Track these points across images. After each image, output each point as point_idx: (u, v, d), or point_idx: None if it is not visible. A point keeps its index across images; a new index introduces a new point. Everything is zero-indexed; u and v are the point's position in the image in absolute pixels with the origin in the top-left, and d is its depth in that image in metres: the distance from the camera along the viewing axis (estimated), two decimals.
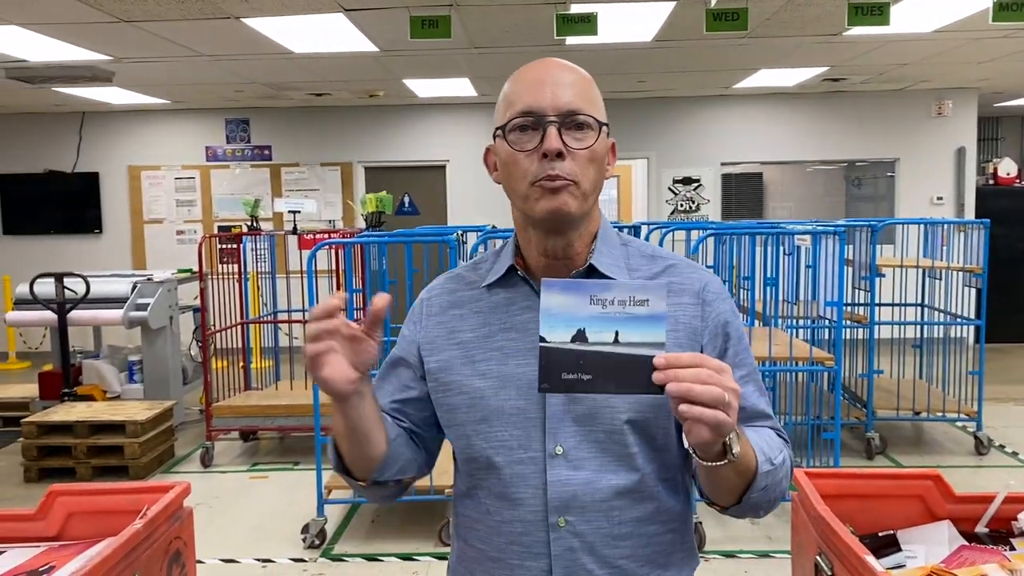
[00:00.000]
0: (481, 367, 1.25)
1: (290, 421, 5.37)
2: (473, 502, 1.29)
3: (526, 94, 1.19)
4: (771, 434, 1.26)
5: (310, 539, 4.09)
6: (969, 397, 5.53)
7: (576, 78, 1.22)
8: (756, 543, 3.99)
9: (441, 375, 1.28)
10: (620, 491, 1.21)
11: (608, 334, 1.01)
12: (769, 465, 1.17)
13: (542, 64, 1.23)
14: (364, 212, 6.08)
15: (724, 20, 4.77)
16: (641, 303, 1.01)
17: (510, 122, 1.20)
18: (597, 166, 1.21)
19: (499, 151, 1.24)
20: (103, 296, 5.93)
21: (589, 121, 1.19)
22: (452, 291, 1.34)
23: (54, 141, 9.11)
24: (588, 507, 1.20)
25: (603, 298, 1.01)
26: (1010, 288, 8.73)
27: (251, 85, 7.53)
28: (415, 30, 4.80)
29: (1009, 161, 9.16)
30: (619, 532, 1.21)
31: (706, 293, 1.26)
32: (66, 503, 2.20)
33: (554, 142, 1.16)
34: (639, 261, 1.29)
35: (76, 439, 5.11)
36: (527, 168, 1.18)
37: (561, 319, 1.02)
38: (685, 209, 9.11)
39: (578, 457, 1.20)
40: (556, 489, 1.20)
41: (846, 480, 2.20)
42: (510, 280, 1.29)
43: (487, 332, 1.27)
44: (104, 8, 4.72)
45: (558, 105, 1.18)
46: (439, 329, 1.31)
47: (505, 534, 1.24)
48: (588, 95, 1.21)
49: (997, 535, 2.06)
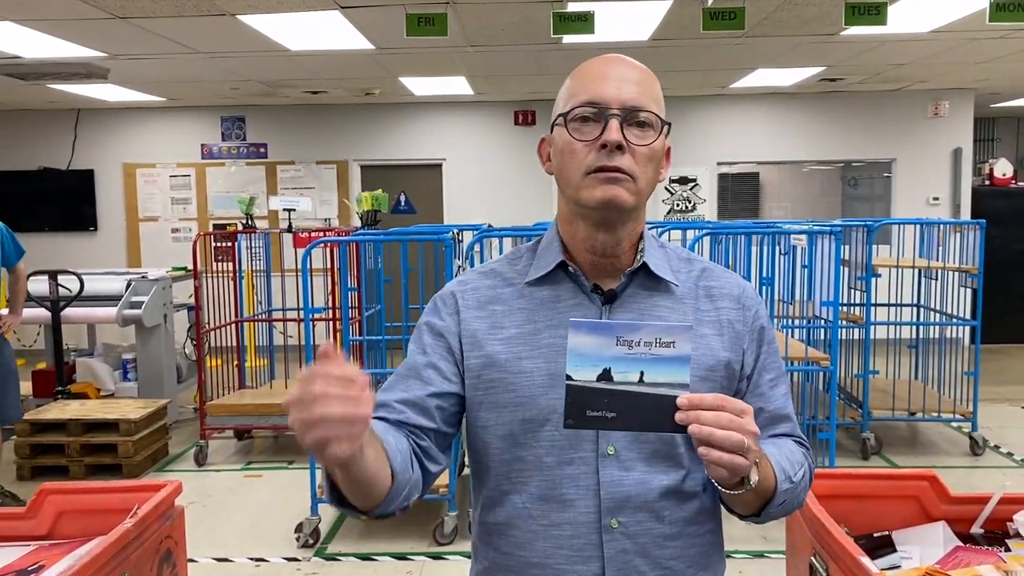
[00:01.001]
0: (528, 364, 1.21)
1: (284, 420, 5.31)
2: (507, 507, 1.23)
3: (590, 86, 1.18)
4: (793, 447, 1.28)
5: (304, 538, 4.07)
6: (964, 397, 5.53)
7: (641, 76, 1.20)
8: (751, 543, 3.99)
9: (484, 372, 1.23)
10: (669, 491, 1.20)
11: (634, 374, 1.03)
12: (789, 483, 1.19)
13: (607, 59, 1.22)
14: (359, 210, 6.07)
15: (721, 19, 4.76)
16: (667, 345, 1.03)
17: (572, 111, 1.18)
18: (655, 165, 1.21)
19: (556, 139, 1.22)
20: (97, 294, 5.91)
21: (651, 119, 1.18)
22: (491, 287, 1.29)
23: (49, 138, 9.07)
24: (641, 508, 1.19)
25: (630, 339, 1.03)
26: (1006, 289, 8.75)
27: (247, 83, 7.51)
28: (411, 28, 4.78)
29: (1005, 162, 9.17)
30: (669, 532, 1.21)
31: (745, 298, 1.29)
32: (56, 502, 2.19)
33: (615, 134, 1.15)
34: (677, 264, 1.30)
35: (69, 437, 5.08)
36: (584, 157, 1.17)
37: (588, 359, 1.03)
38: (681, 209, 9.10)
39: (628, 457, 1.19)
40: (609, 490, 1.18)
41: (841, 480, 2.20)
42: (555, 276, 1.26)
43: (533, 329, 1.23)
44: (99, 4, 4.70)
45: (622, 99, 1.17)
46: (480, 323, 1.25)
47: (552, 538, 1.20)
48: (652, 93, 1.20)
49: (992, 536, 2.06)
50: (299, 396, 0.92)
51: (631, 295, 1.25)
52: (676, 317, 1.24)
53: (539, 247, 1.31)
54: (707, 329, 1.24)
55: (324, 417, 0.90)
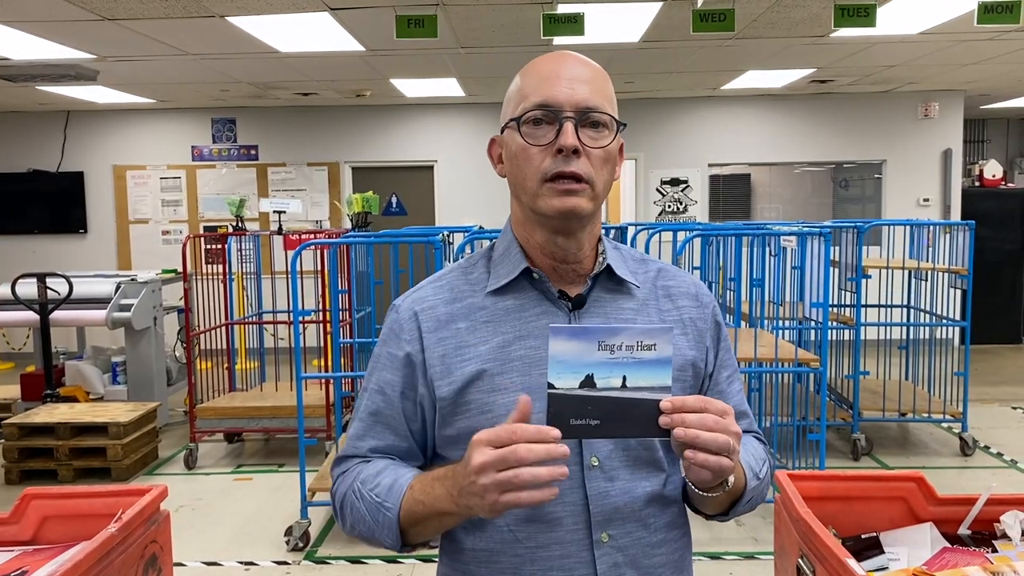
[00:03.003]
0: (502, 381, 1.15)
1: (275, 423, 5.33)
2: (489, 532, 1.17)
3: (542, 87, 1.14)
4: (755, 444, 1.28)
5: (293, 541, 4.06)
6: (954, 398, 5.55)
7: (593, 74, 1.17)
8: (742, 545, 3.99)
9: (459, 397, 1.16)
10: (652, 497, 1.18)
11: (616, 379, 1.01)
12: (756, 480, 1.20)
13: (558, 57, 1.18)
14: (350, 212, 6.05)
15: (711, 21, 4.76)
16: (648, 347, 1.01)
17: (525, 114, 1.15)
18: (611, 167, 1.18)
19: (509, 143, 1.18)
20: (87, 296, 5.88)
21: (606, 119, 1.15)
22: (449, 301, 1.22)
23: (38, 140, 9.03)
24: (629, 518, 1.16)
25: (611, 343, 1.01)
26: (995, 289, 8.79)
27: (237, 84, 7.49)
28: (401, 29, 4.77)
29: (995, 163, 9.21)
30: (655, 540, 1.19)
31: (702, 295, 1.29)
32: (41, 506, 2.17)
33: (571, 138, 1.12)
34: (634, 265, 1.28)
35: (58, 441, 5.06)
36: (539, 163, 1.14)
37: (569, 365, 1.00)
38: (673, 210, 9.11)
39: (612, 467, 1.16)
40: (598, 503, 1.14)
41: (829, 482, 2.19)
42: (518, 284, 1.21)
43: (502, 342, 1.17)
44: (87, 6, 4.68)
45: (576, 101, 1.13)
46: (445, 346, 1.19)
47: (540, 560, 1.14)
48: (605, 92, 1.17)
49: (980, 537, 2.06)
50: (500, 457, 0.97)
51: (596, 299, 1.22)
52: (642, 319, 1.22)
53: (494, 253, 1.26)
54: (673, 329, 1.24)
55: (534, 479, 0.96)
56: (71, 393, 6.03)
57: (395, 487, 1.14)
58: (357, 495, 1.18)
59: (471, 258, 1.29)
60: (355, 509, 1.18)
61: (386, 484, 1.15)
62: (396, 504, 1.12)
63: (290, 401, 5.31)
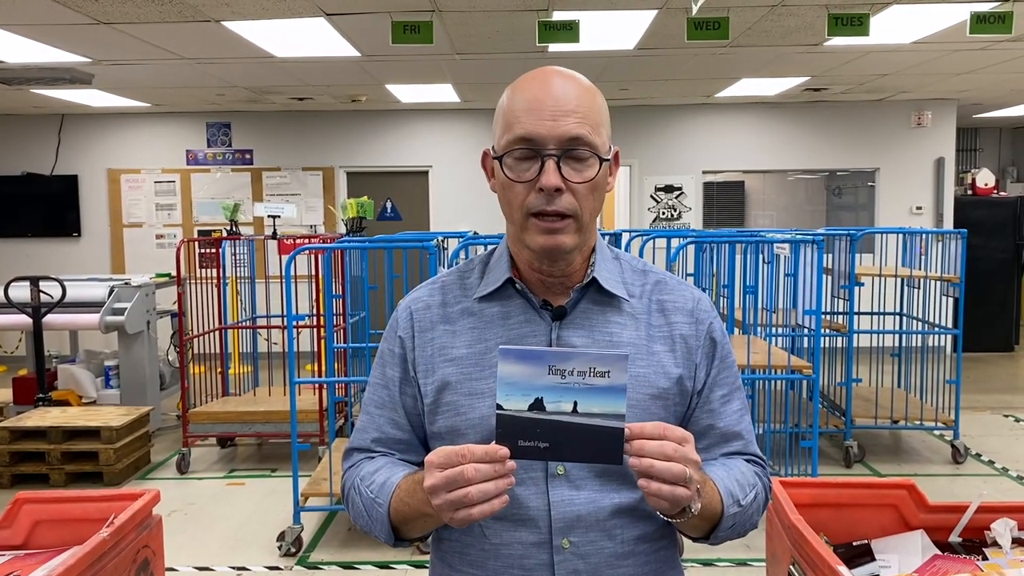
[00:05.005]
0: (479, 386, 1.19)
1: (268, 427, 5.33)
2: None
3: (525, 118, 1.13)
4: (744, 468, 1.26)
5: (286, 547, 4.05)
6: (946, 406, 5.57)
7: (580, 97, 1.14)
8: (734, 551, 3.99)
9: (439, 396, 1.22)
10: (621, 509, 1.19)
11: (567, 404, 1.00)
12: (737, 507, 1.18)
13: (544, 79, 1.16)
14: (345, 217, 6.05)
15: (705, 29, 4.78)
16: (601, 375, 1.00)
17: (508, 150, 1.15)
18: (598, 195, 1.18)
19: (495, 171, 1.19)
20: (80, 300, 5.86)
21: (589, 153, 1.14)
22: (441, 304, 1.27)
23: (32, 143, 9.01)
24: (592, 527, 1.17)
25: (562, 368, 1.00)
26: (987, 298, 8.82)
27: (232, 89, 7.49)
28: (397, 35, 4.78)
29: (987, 172, 9.25)
30: (621, 551, 1.19)
31: (699, 311, 1.27)
32: (32, 511, 2.16)
33: (552, 178, 1.11)
34: (631, 276, 1.28)
35: (50, 445, 5.04)
36: (524, 199, 1.15)
37: (519, 387, 1.00)
38: (667, 217, 9.13)
39: (579, 476, 1.17)
40: (560, 510, 1.17)
41: (821, 489, 2.20)
42: (505, 292, 1.24)
43: (483, 349, 1.21)
44: (82, 10, 4.68)
45: (558, 135, 1.12)
46: (432, 346, 1.24)
47: (503, 557, 1.19)
48: (592, 117, 1.14)
49: (970, 544, 2.07)
50: (448, 479, 1.01)
51: (582, 311, 1.23)
52: (628, 333, 1.22)
53: (490, 260, 1.28)
54: (659, 345, 1.23)
55: (483, 495, 1.00)
56: (63, 397, 6.00)
57: (386, 486, 1.20)
58: (357, 491, 1.24)
59: (470, 262, 1.32)
60: (355, 504, 1.25)
61: (379, 482, 1.21)
62: (386, 502, 1.18)
63: (283, 406, 5.30)
